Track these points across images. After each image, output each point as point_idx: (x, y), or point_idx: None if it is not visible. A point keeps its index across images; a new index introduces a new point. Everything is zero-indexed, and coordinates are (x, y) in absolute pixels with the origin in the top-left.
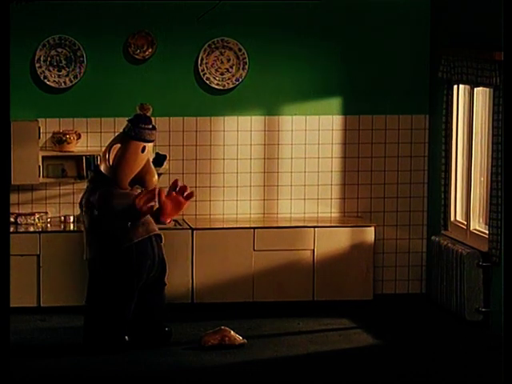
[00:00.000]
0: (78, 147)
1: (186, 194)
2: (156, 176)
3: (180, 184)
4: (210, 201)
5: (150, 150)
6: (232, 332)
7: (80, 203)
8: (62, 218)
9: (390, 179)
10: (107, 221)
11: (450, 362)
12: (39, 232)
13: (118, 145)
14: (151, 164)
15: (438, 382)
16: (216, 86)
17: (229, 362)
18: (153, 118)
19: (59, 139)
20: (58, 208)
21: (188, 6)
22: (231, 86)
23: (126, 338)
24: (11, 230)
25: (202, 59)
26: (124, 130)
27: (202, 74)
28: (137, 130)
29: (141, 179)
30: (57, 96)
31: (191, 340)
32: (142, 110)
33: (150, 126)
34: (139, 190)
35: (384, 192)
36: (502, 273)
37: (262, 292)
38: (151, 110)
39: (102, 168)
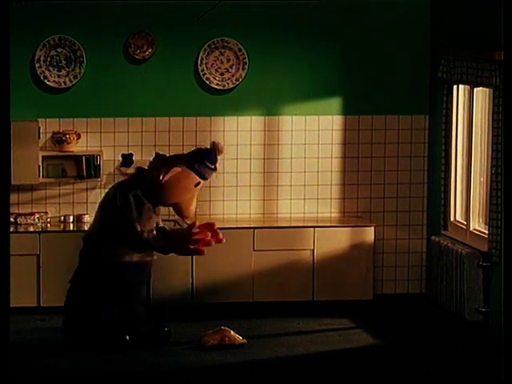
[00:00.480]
0: (77, 147)
1: (217, 238)
2: (194, 208)
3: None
4: (210, 201)
5: (202, 186)
6: (232, 332)
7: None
8: (62, 218)
9: (390, 179)
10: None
11: (450, 362)
12: (39, 232)
13: (179, 169)
14: (196, 196)
15: (438, 382)
16: (216, 86)
17: (229, 362)
18: (153, 119)
19: (59, 139)
20: (58, 208)
21: (188, 6)
22: (231, 86)
23: (127, 337)
24: (11, 230)
25: (202, 59)
26: (190, 155)
27: (201, 74)
28: (202, 166)
29: (179, 205)
30: (57, 96)
31: (191, 340)
32: (216, 150)
33: (213, 167)
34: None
35: (384, 192)
36: (501, 273)
37: (262, 292)
38: (222, 153)
39: (153, 176)
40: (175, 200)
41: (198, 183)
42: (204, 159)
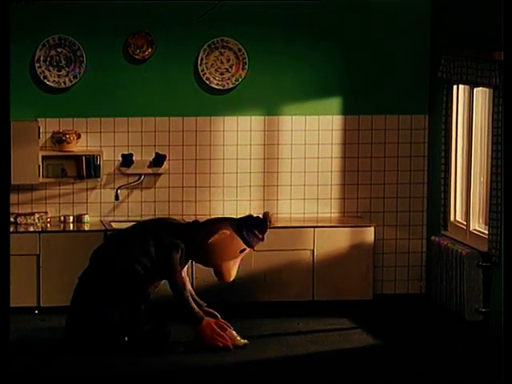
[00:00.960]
0: (77, 147)
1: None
2: (235, 273)
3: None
4: (210, 201)
5: (246, 253)
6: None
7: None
8: (62, 217)
9: (390, 179)
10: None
11: (450, 362)
12: (39, 232)
13: (227, 232)
14: (238, 262)
15: (438, 382)
16: (216, 86)
17: (229, 362)
18: (153, 119)
19: (59, 139)
20: (58, 208)
21: (188, 6)
22: (231, 86)
23: (126, 338)
24: (11, 229)
25: (202, 59)
26: (241, 220)
27: (201, 73)
28: (250, 235)
29: (220, 269)
30: (57, 96)
31: (191, 340)
32: (268, 221)
33: (260, 237)
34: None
35: (384, 192)
36: (501, 273)
37: (262, 292)
38: (273, 224)
39: (202, 235)
40: (217, 262)
41: (244, 250)
42: (254, 228)
